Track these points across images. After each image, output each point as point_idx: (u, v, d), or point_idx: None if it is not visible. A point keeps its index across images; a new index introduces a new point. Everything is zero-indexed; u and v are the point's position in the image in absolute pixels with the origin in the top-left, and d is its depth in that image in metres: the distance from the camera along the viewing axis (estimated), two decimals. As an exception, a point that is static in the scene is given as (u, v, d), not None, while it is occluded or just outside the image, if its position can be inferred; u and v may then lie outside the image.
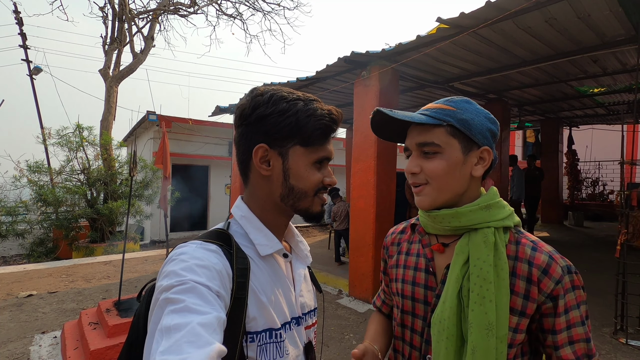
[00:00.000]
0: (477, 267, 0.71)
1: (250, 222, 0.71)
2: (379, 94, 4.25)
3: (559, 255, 0.73)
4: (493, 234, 0.73)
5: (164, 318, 0.50)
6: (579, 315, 0.70)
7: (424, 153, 0.76)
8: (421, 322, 0.80)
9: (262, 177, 0.70)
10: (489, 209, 0.75)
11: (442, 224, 0.77)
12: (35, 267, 6.07)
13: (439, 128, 0.75)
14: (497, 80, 5.54)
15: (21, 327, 3.59)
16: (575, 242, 7.12)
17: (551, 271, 0.70)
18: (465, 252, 0.73)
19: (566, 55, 4.21)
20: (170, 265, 0.58)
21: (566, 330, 0.70)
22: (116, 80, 9.61)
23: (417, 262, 0.83)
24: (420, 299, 0.80)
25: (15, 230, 7.40)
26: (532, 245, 0.74)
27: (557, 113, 8.38)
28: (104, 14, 10.08)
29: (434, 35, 3.54)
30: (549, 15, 3.19)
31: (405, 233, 0.92)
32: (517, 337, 0.71)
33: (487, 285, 0.69)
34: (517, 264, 0.73)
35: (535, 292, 0.70)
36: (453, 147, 0.75)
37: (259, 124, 0.68)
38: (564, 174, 9.57)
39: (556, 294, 0.69)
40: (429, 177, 0.75)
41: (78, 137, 8.22)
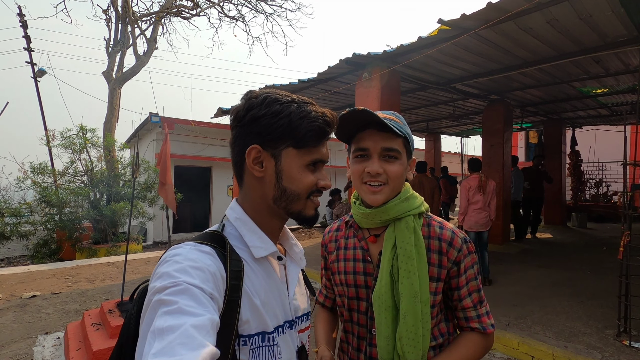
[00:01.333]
0: (403, 248, 0.88)
1: (244, 224, 0.71)
2: (380, 95, 4.26)
3: (459, 230, 0.94)
4: (412, 220, 0.90)
5: (156, 320, 0.50)
6: (473, 272, 0.93)
7: (387, 157, 0.89)
8: (365, 303, 0.94)
9: (255, 179, 0.70)
10: (408, 200, 0.92)
11: (374, 218, 0.92)
12: (39, 268, 6.10)
13: (400, 138, 0.90)
14: (498, 81, 5.53)
15: (25, 327, 3.62)
16: (578, 244, 7.07)
17: (454, 243, 0.91)
18: (393, 237, 0.90)
19: (568, 56, 4.20)
20: (163, 267, 0.57)
21: (466, 285, 0.92)
22: (119, 82, 9.67)
23: (355, 254, 0.97)
24: (361, 284, 0.94)
25: (19, 231, 7.45)
26: (440, 225, 0.94)
27: (560, 114, 8.35)
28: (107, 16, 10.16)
29: (435, 37, 3.55)
30: (550, 16, 3.19)
31: (341, 230, 1.05)
32: (437, 298, 0.90)
33: (411, 262, 0.86)
34: (430, 241, 0.92)
35: (445, 260, 0.90)
36: (404, 155, 0.91)
37: (252, 126, 0.68)
38: (567, 175, 9.51)
39: (458, 259, 0.90)
40: (390, 178, 0.89)
41: (81, 139, 8.27)
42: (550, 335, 3.06)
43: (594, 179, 10.54)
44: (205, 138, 11.04)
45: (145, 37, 10.37)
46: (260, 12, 11.65)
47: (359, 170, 0.91)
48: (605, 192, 10.41)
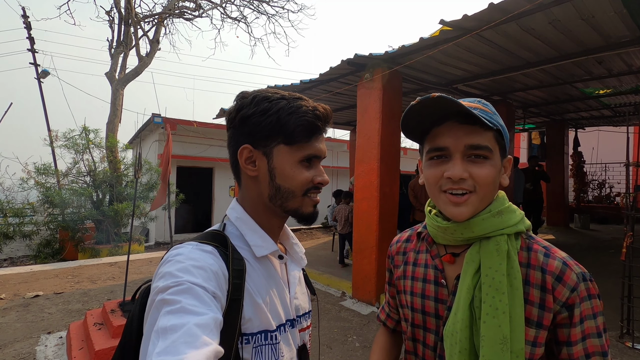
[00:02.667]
0: (489, 276, 0.67)
1: (245, 224, 0.71)
2: (382, 96, 4.26)
3: (573, 262, 0.69)
4: (506, 242, 0.69)
5: (160, 319, 0.50)
6: (594, 326, 0.66)
7: (474, 157, 0.69)
8: (433, 336, 0.76)
9: (250, 178, 0.71)
10: (501, 215, 0.71)
11: (453, 235, 0.72)
12: (42, 268, 6.13)
13: (489, 131, 0.69)
14: (501, 82, 5.52)
15: (27, 327, 3.63)
16: (581, 245, 7.04)
17: (565, 278, 0.66)
18: (477, 260, 0.69)
19: (570, 56, 4.18)
20: (166, 267, 0.57)
21: (581, 341, 0.65)
22: (122, 83, 9.71)
23: (426, 274, 0.79)
24: (431, 312, 0.76)
25: (22, 231, 7.49)
26: (545, 252, 0.70)
27: (563, 115, 8.32)
28: (110, 17, 10.21)
29: (437, 38, 3.55)
30: (553, 17, 3.18)
31: (411, 242, 0.88)
32: (537, 352, 0.66)
33: (500, 296, 0.65)
34: (530, 271, 0.69)
35: (550, 300, 0.66)
36: (497, 154, 0.70)
37: (242, 126, 0.68)
38: (569, 176, 9.48)
39: (571, 302, 0.65)
40: (478, 185, 0.68)
41: (84, 140, 8.32)
42: (552, 337, 3.04)
43: (597, 180, 10.50)
44: (207, 139, 11.07)
45: (148, 38, 10.42)
46: (263, 13, 11.69)
47: (437, 175, 0.71)
48: (608, 193, 10.37)
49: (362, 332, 3.60)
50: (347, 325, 3.74)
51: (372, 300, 4.30)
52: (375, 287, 4.27)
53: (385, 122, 4.30)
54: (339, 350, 3.20)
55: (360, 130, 4.58)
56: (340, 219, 5.95)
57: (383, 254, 4.30)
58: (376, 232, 4.27)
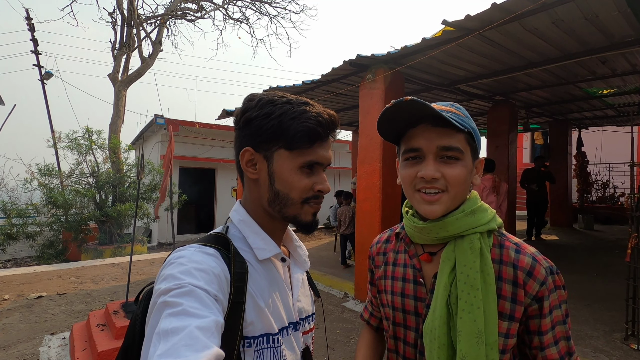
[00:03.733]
0: (464, 274, 0.70)
1: (248, 226, 0.71)
2: (384, 96, 4.25)
3: (542, 257, 0.73)
4: (479, 240, 0.72)
5: (161, 321, 0.50)
6: (561, 314, 0.71)
7: (446, 158, 0.72)
8: (413, 333, 0.79)
9: (251, 181, 0.71)
10: (474, 214, 0.74)
11: (429, 234, 0.75)
12: (45, 268, 6.16)
13: (460, 134, 0.72)
14: (503, 82, 5.50)
15: (31, 328, 3.65)
16: (585, 246, 7.00)
17: (535, 273, 0.70)
18: (452, 259, 0.72)
19: (574, 56, 4.16)
20: (168, 269, 0.57)
21: (551, 330, 0.70)
22: (125, 84, 9.75)
23: (405, 273, 0.81)
24: (411, 310, 0.79)
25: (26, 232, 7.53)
26: (516, 248, 0.73)
27: (566, 115, 8.28)
28: (113, 19, 10.25)
29: (440, 38, 3.54)
30: (556, 16, 3.16)
31: (390, 242, 0.90)
32: (509, 342, 0.70)
33: (475, 292, 0.68)
34: (503, 267, 0.72)
35: (521, 294, 0.70)
36: (468, 155, 0.74)
37: (245, 128, 0.68)
38: (573, 177, 9.43)
39: (541, 295, 0.69)
40: (450, 184, 0.71)
41: (87, 141, 8.36)
42: (556, 339, 3.02)
43: (601, 181, 10.44)
44: (210, 140, 11.09)
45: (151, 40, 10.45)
46: (265, 14, 11.71)
47: (411, 175, 0.74)
48: (612, 193, 10.30)
49: (364, 333, 3.58)
50: (349, 327, 3.73)
51: (374, 301, 4.28)
52: (377, 288, 4.25)
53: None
54: (341, 351, 3.20)
55: (362, 131, 4.58)
56: (344, 220, 5.94)
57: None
58: (379, 233, 4.25)
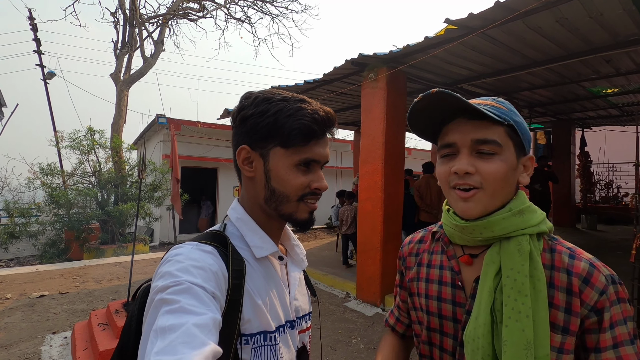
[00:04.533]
0: (511, 278, 0.63)
1: (246, 224, 0.71)
2: (386, 96, 4.24)
3: (601, 263, 0.66)
4: (528, 242, 0.65)
5: (159, 319, 0.50)
6: (627, 332, 0.61)
7: (480, 152, 0.67)
8: (451, 340, 0.73)
9: (248, 179, 0.71)
10: (522, 215, 0.68)
11: (472, 235, 0.69)
12: (47, 267, 6.17)
13: (499, 126, 0.67)
14: (506, 81, 5.47)
15: (33, 327, 3.65)
16: (588, 246, 6.94)
17: (593, 280, 0.62)
18: (497, 262, 0.66)
19: (578, 55, 4.13)
20: (165, 266, 0.57)
21: (612, 348, 0.60)
22: (127, 84, 9.76)
23: (442, 275, 0.76)
24: (448, 316, 0.73)
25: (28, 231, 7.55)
26: (570, 253, 0.67)
27: (569, 114, 8.23)
28: (115, 19, 10.27)
29: (442, 37, 3.51)
30: (560, 15, 3.14)
31: (424, 242, 0.84)
32: (564, 359, 0.62)
33: (523, 299, 0.62)
34: (555, 273, 0.65)
35: (577, 304, 0.62)
36: (510, 150, 0.68)
37: (241, 126, 0.69)
38: (576, 177, 9.38)
39: (600, 306, 0.61)
40: (486, 181, 0.66)
41: (89, 140, 8.37)
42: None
43: (604, 181, 10.38)
44: (212, 139, 11.10)
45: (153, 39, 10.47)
46: (266, 14, 11.71)
47: (446, 171, 0.70)
48: (616, 193, 10.24)
49: (366, 333, 3.57)
50: (351, 327, 3.72)
51: (376, 302, 4.27)
52: (379, 288, 4.24)
53: (389, 122, 4.27)
54: (343, 351, 3.18)
55: (364, 131, 4.56)
56: (346, 219, 5.92)
57: (387, 255, 4.27)
58: (380, 232, 4.24)
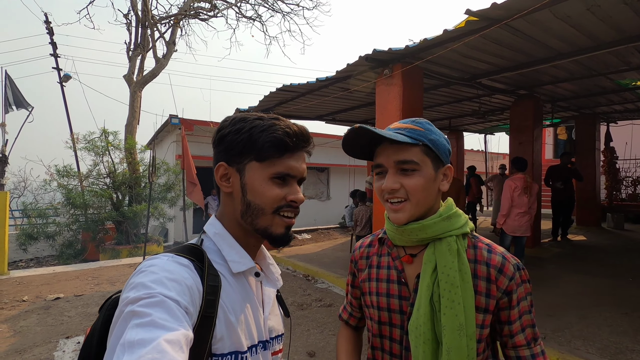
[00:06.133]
0: (445, 273, 0.77)
1: (223, 239, 0.71)
2: (402, 92, 4.07)
3: (510, 255, 0.83)
4: (455, 242, 0.80)
5: (127, 332, 0.48)
6: (527, 305, 0.82)
7: (403, 170, 0.80)
8: (399, 330, 0.85)
9: (226, 195, 0.72)
10: (450, 219, 0.82)
11: (409, 236, 0.82)
12: (64, 269, 6.24)
13: (416, 147, 0.80)
14: (528, 75, 5.22)
15: (47, 331, 3.65)
16: (615, 247, 6.62)
17: (505, 270, 0.80)
18: (433, 260, 0.80)
19: (608, 45, 3.87)
20: (138, 277, 0.55)
21: (519, 319, 0.81)
22: (140, 85, 9.82)
23: (389, 275, 0.88)
24: (395, 309, 0.85)
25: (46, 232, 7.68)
26: (488, 248, 0.83)
27: (594, 108, 7.86)
28: (127, 20, 10.34)
29: (462, 29, 3.32)
30: (592, 2, 2.91)
31: (373, 247, 0.96)
32: (484, 332, 0.80)
33: (455, 290, 0.76)
34: (477, 266, 0.81)
35: (494, 289, 0.79)
36: (427, 165, 0.81)
37: (220, 145, 0.71)
38: (601, 173, 8.96)
39: (510, 289, 0.79)
40: (410, 193, 0.79)
41: (104, 142, 8.45)
42: (593, 352, 2.80)
43: (631, 177, 9.89)
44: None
45: (165, 40, 10.50)
46: (278, 12, 11.60)
47: (379, 187, 0.84)
48: (644, 190, 9.76)
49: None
50: (367, 334, 3.58)
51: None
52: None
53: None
54: None
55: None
56: (361, 220, 5.78)
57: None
58: (397, 235, 4.08)
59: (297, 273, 5.75)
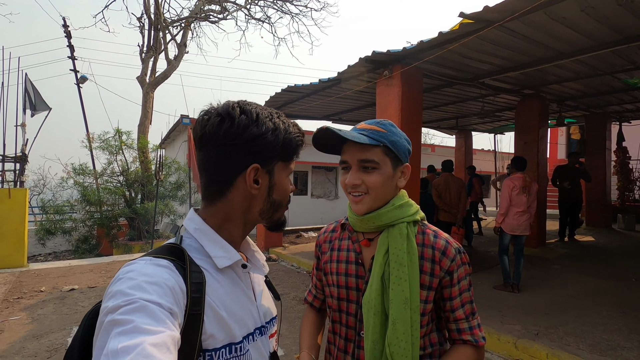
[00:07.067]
0: (395, 254, 0.89)
1: (205, 235, 0.68)
2: (401, 93, 4.14)
3: (453, 240, 0.95)
4: (406, 227, 0.91)
5: (110, 341, 0.46)
6: (466, 283, 0.93)
7: (364, 168, 0.90)
8: (355, 305, 0.96)
9: (245, 196, 0.69)
10: (402, 208, 0.93)
11: (367, 224, 0.93)
12: (79, 262, 6.53)
13: (377, 148, 0.89)
14: (532, 75, 5.21)
15: (62, 319, 3.87)
16: (623, 248, 6.53)
17: (447, 252, 0.92)
18: (386, 243, 0.91)
19: (609, 45, 3.86)
20: (116, 285, 0.54)
21: (459, 296, 0.92)
22: (152, 86, 10.11)
23: (348, 256, 0.99)
24: (352, 286, 0.96)
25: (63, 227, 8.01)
26: (434, 234, 0.95)
27: (604, 107, 7.73)
28: (141, 24, 10.65)
29: (457, 31, 3.39)
30: (585, 3, 2.94)
31: (336, 232, 1.07)
32: (427, 307, 0.91)
33: (403, 269, 0.87)
34: (424, 249, 0.93)
35: (437, 269, 0.91)
36: (386, 164, 0.91)
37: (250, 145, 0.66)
38: (612, 173, 8.80)
39: (451, 269, 0.91)
40: (369, 188, 0.90)
41: (117, 141, 8.76)
42: (583, 348, 2.84)
43: (644, 178, 9.68)
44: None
45: (176, 42, 10.77)
46: (286, 13, 11.75)
47: (343, 181, 0.96)
48: (658, 191, 9.54)
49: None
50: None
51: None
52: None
53: (405, 119, 4.18)
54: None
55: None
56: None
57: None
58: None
59: (301, 269, 5.88)
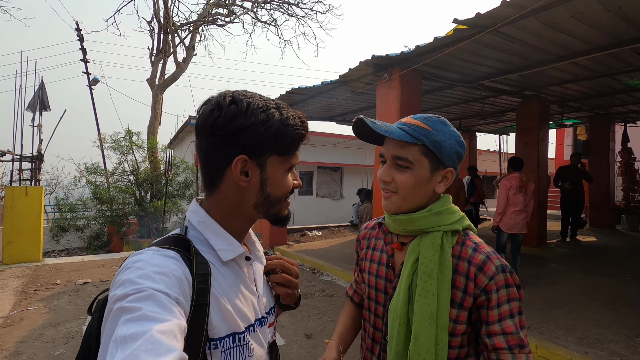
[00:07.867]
0: (424, 264, 0.82)
1: (209, 228, 0.69)
2: (400, 95, 4.29)
3: (496, 256, 0.83)
4: (440, 237, 0.83)
5: (118, 328, 0.47)
6: (508, 309, 0.79)
7: (397, 165, 0.84)
8: (382, 308, 0.93)
9: (236, 188, 0.67)
10: (440, 215, 0.85)
11: (400, 226, 0.88)
12: (91, 258, 6.80)
13: (414, 146, 0.82)
14: (531, 77, 5.30)
15: (76, 309, 4.10)
16: (625, 248, 6.56)
17: (486, 269, 0.80)
18: (416, 251, 0.84)
19: (604, 49, 3.95)
20: (125, 274, 0.55)
21: (498, 322, 0.79)
22: (161, 88, 10.39)
23: (380, 257, 0.95)
24: (381, 289, 0.93)
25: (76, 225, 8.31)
26: (474, 247, 0.84)
27: (608, 109, 7.74)
28: (150, 27, 10.95)
29: (452, 37, 3.52)
30: (574, 10, 3.06)
31: (374, 229, 1.03)
32: (458, 328, 0.81)
33: (431, 281, 0.80)
34: (460, 262, 0.83)
35: (471, 286, 0.80)
36: (422, 165, 0.83)
37: (237, 136, 0.64)
38: (617, 174, 8.79)
39: (489, 288, 0.79)
40: (398, 188, 0.84)
41: (128, 142, 9.03)
42: (571, 341, 2.95)
43: (650, 179, 9.62)
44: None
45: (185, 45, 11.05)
46: (292, 16, 11.95)
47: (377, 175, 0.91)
48: (664, 193, 9.48)
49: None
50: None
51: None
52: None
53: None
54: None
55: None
56: (366, 217, 6.00)
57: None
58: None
59: (305, 267, 6.05)
